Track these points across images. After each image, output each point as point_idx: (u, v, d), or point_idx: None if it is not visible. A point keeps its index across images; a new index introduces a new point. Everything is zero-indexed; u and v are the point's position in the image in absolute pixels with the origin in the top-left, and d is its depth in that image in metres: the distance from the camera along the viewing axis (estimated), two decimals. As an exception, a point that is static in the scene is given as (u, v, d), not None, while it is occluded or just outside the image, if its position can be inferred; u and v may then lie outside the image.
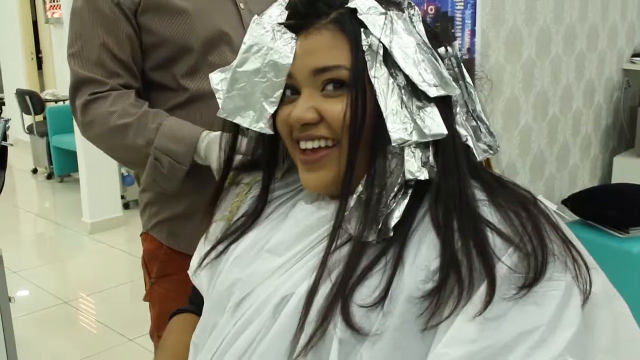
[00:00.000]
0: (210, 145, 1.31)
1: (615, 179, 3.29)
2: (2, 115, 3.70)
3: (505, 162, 0.92)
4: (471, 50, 2.32)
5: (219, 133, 1.33)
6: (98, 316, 3.70)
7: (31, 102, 6.43)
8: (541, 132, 2.85)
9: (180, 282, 1.49)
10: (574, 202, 2.81)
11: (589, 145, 3.22)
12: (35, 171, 6.96)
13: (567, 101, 2.98)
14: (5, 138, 3.34)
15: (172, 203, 1.46)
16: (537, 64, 2.73)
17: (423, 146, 0.82)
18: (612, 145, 3.44)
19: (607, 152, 3.40)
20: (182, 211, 1.47)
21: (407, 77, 0.82)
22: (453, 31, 2.29)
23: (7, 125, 3.43)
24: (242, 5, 1.46)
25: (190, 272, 1.06)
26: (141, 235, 1.61)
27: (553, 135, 2.93)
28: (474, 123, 0.89)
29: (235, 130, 1.00)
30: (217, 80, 0.96)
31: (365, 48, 0.83)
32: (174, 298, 1.51)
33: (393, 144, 0.81)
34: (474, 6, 2.34)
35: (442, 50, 0.88)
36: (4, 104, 7.83)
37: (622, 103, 3.41)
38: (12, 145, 3.38)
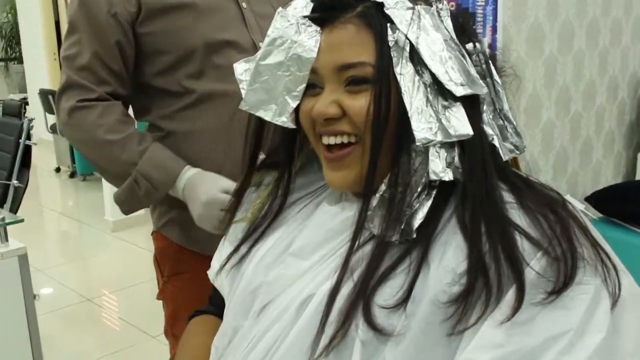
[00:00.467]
0: (190, 191, 1.35)
1: (640, 175, 3.25)
2: (26, 115, 3.75)
3: (527, 158, 0.91)
4: (492, 47, 2.31)
5: (198, 170, 1.37)
6: (120, 313, 3.73)
7: (54, 101, 6.47)
8: (564, 128, 2.82)
9: (192, 279, 1.49)
10: (597, 199, 2.78)
11: (612, 141, 3.19)
12: (58, 170, 7.02)
13: (590, 97, 2.94)
14: (29, 137, 3.39)
15: (182, 201, 1.47)
16: (559, 60, 2.71)
17: (448, 146, 0.81)
18: (635, 141, 3.39)
19: (631, 148, 3.36)
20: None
21: (433, 74, 0.80)
22: (474, 27, 2.27)
23: (31, 125, 3.48)
24: (244, 5, 1.45)
25: (210, 274, 1.05)
26: (152, 234, 1.62)
27: (576, 132, 2.90)
28: (501, 122, 0.87)
29: (260, 123, 0.98)
30: (241, 70, 0.95)
31: (391, 43, 0.81)
32: (186, 296, 1.52)
33: (417, 144, 0.79)
34: (495, 2, 2.32)
35: (469, 46, 0.86)
36: (27, 103, 7.91)
37: (646, 98, 3.37)
38: (35, 144, 3.43)
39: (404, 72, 0.81)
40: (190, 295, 1.51)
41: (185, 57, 1.40)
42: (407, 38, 0.81)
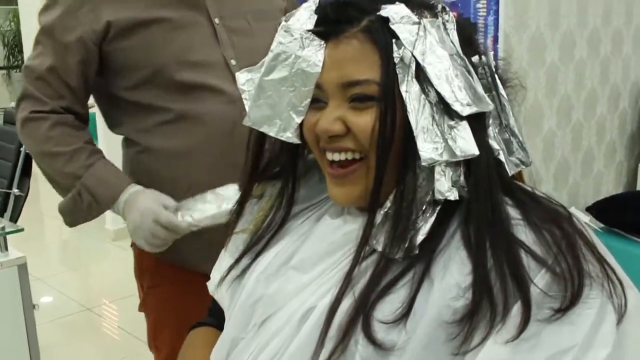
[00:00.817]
0: (130, 203, 1.35)
1: (641, 186, 3.24)
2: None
3: (529, 169, 0.90)
4: (495, 57, 2.31)
5: (141, 187, 1.38)
6: (121, 322, 3.72)
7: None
8: (565, 138, 2.82)
9: (172, 291, 1.49)
10: (598, 209, 2.77)
11: (613, 151, 3.18)
12: (59, 178, 7.01)
13: (591, 106, 2.94)
14: (29, 146, 3.39)
15: None
16: (561, 69, 2.71)
17: (453, 164, 0.80)
18: (637, 151, 3.38)
19: (632, 158, 3.35)
20: None
21: (439, 93, 0.79)
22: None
23: (32, 133, 3.48)
24: (217, 20, 1.43)
25: (210, 287, 1.04)
26: (131, 246, 1.60)
27: (577, 141, 2.90)
28: (506, 136, 0.86)
29: (261, 132, 0.95)
30: (243, 80, 0.94)
31: (396, 60, 0.80)
32: (167, 307, 1.51)
33: (423, 164, 0.78)
34: (497, 12, 2.32)
35: (475, 58, 0.85)
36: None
37: (648, 108, 3.37)
38: (36, 152, 3.43)
39: (410, 90, 0.80)
40: (170, 307, 1.51)
41: (155, 73, 1.39)
42: (413, 56, 0.80)
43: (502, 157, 0.83)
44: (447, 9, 0.86)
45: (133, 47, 1.38)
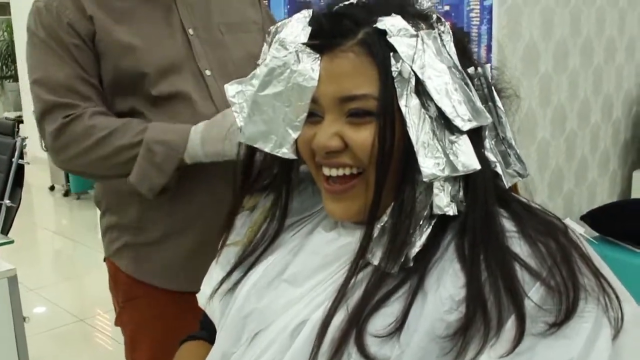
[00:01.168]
0: (204, 125, 1.27)
1: (635, 194, 3.24)
2: (19, 134, 3.73)
3: (523, 179, 0.90)
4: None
5: (208, 121, 1.28)
6: (114, 334, 3.69)
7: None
8: (559, 147, 2.82)
9: (148, 304, 1.47)
10: (592, 218, 2.77)
11: (607, 160, 3.19)
12: (52, 188, 6.99)
13: (584, 116, 2.95)
14: (22, 156, 3.37)
15: (132, 229, 1.44)
16: (554, 79, 2.71)
17: (452, 179, 0.79)
18: (630, 160, 3.39)
19: (626, 166, 3.36)
20: (144, 239, 1.43)
21: (439, 108, 0.78)
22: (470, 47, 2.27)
23: (24, 144, 3.46)
24: (190, 32, 1.41)
25: (201, 300, 1.02)
26: (104, 260, 1.58)
27: (571, 150, 2.90)
28: (503, 148, 0.85)
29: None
30: (233, 92, 0.92)
31: (394, 74, 0.79)
32: (142, 322, 1.49)
33: (424, 179, 0.77)
34: (490, 21, 2.32)
35: (471, 69, 0.84)
36: (21, 121, 7.90)
37: (641, 117, 3.38)
38: (28, 163, 3.41)
39: (410, 104, 0.78)
40: (147, 320, 1.48)
41: (135, 80, 1.35)
42: (412, 70, 0.79)
43: (499, 170, 0.83)
44: (443, 19, 0.85)
45: (111, 60, 1.35)
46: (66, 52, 1.34)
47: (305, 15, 0.87)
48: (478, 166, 0.78)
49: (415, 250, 0.79)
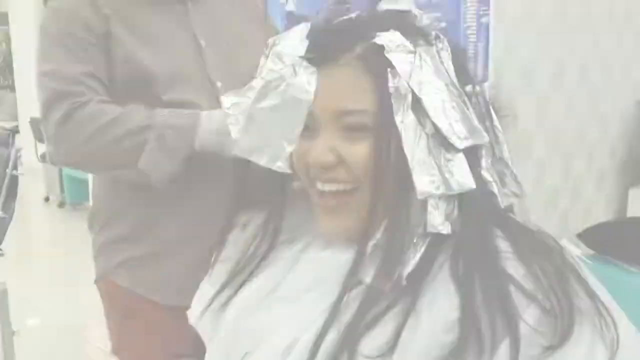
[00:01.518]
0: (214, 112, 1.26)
1: (631, 212, 3.24)
2: (14, 144, 3.72)
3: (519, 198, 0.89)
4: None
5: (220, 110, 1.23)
6: (108, 345, 3.67)
7: (44, 130, 6.46)
8: (554, 166, 2.82)
9: (147, 323, 1.46)
10: (588, 236, 2.76)
11: (603, 178, 3.19)
12: (47, 199, 6.97)
13: (580, 133, 2.95)
14: (16, 167, 3.36)
15: (133, 239, 1.44)
16: (550, 97, 2.71)
17: (447, 197, 0.78)
18: (627, 178, 3.39)
19: (622, 184, 3.36)
20: (144, 250, 1.43)
21: (435, 125, 0.78)
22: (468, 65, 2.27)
23: (19, 154, 3.45)
24: (203, 43, 1.42)
25: (191, 318, 1.01)
26: (95, 283, 1.58)
27: (566, 168, 2.90)
28: (500, 167, 0.85)
29: (245, 160, 0.92)
30: (229, 103, 0.91)
31: (391, 90, 0.78)
32: (141, 342, 1.48)
33: (419, 197, 0.77)
34: (486, 39, 2.32)
35: (468, 88, 0.83)
36: (17, 131, 7.89)
37: (637, 135, 3.38)
38: (22, 174, 3.40)
39: (406, 120, 0.78)
40: (146, 341, 1.48)
41: (144, 87, 1.34)
42: (409, 86, 0.78)
43: (494, 189, 0.82)
44: (441, 36, 0.84)
45: (119, 63, 1.36)
46: (80, 49, 1.34)
47: (303, 28, 0.87)
48: (473, 185, 0.78)
49: (408, 269, 0.78)
